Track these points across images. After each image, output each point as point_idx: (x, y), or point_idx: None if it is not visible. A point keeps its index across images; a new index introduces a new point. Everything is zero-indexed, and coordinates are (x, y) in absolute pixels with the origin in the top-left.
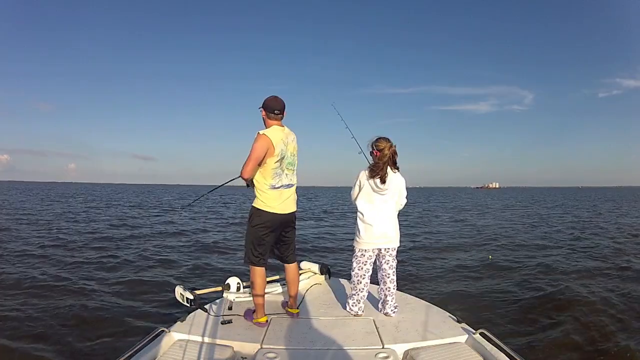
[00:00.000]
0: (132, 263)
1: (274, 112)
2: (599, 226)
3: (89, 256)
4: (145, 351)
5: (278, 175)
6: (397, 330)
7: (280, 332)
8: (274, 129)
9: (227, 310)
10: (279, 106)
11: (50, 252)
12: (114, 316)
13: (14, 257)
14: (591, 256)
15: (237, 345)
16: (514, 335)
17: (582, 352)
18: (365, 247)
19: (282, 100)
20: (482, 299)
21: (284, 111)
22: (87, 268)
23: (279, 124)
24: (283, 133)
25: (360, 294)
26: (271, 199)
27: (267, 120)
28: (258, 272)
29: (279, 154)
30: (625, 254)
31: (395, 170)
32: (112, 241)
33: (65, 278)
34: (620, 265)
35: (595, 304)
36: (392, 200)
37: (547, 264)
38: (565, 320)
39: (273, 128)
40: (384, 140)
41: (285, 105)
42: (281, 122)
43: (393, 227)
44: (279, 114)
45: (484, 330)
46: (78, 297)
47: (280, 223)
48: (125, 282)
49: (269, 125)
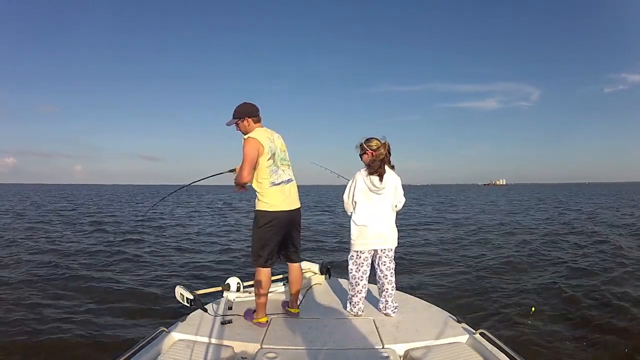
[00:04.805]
0: (132, 263)
1: (256, 115)
2: (610, 224)
3: (89, 256)
4: (145, 351)
5: (275, 172)
6: (397, 330)
7: (281, 332)
8: (258, 130)
9: (228, 310)
10: (257, 108)
11: (46, 252)
12: (114, 316)
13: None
14: (601, 257)
15: (237, 345)
16: (514, 335)
17: (583, 352)
18: (360, 248)
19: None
20: (483, 299)
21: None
22: (86, 268)
23: (260, 126)
24: (267, 132)
25: (359, 295)
26: (274, 196)
27: (250, 126)
28: (264, 273)
29: (269, 151)
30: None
31: (391, 169)
32: (112, 240)
33: (65, 277)
34: (622, 262)
35: (596, 304)
36: (389, 199)
37: (548, 264)
38: (565, 320)
39: (257, 130)
40: (374, 139)
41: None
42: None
43: (389, 227)
44: (259, 115)
45: (484, 330)
46: (78, 296)
47: (287, 221)
48: (125, 281)
49: (252, 130)
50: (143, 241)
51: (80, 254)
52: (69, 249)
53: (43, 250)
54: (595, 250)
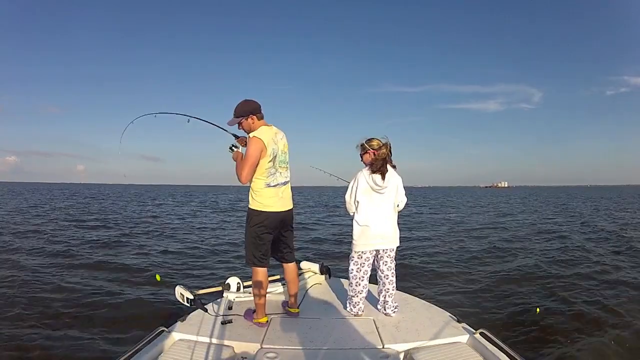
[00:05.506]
0: (132, 262)
1: (260, 112)
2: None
3: (88, 255)
4: (145, 351)
5: (272, 175)
6: (397, 330)
7: (281, 332)
8: (263, 129)
9: (228, 310)
10: (260, 105)
11: (47, 251)
12: (114, 316)
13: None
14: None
15: (237, 345)
16: (514, 335)
17: (583, 352)
18: (362, 248)
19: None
20: (483, 299)
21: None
22: (86, 267)
23: (265, 124)
24: (272, 132)
25: (360, 295)
26: (268, 197)
27: (255, 124)
28: (260, 273)
29: (271, 154)
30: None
31: (392, 168)
32: (112, 241)
33: (64, 276)
34: (627, 265)
35: (598, 305)
36: (391, 199)
37: (550, 263)
38: (566, 320)
39: (262, 129)
40: (375, 139)
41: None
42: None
43: (392, 227)
44: (261, 112)
45: (484, 330)
46: (78, 295)
47: (279, 221)
48: (124, 281)
49: (257, 127)
50: (143, 240)
51: (80, 253)
52: (69, 248)
53: (43, 248)
54: (600, 252)
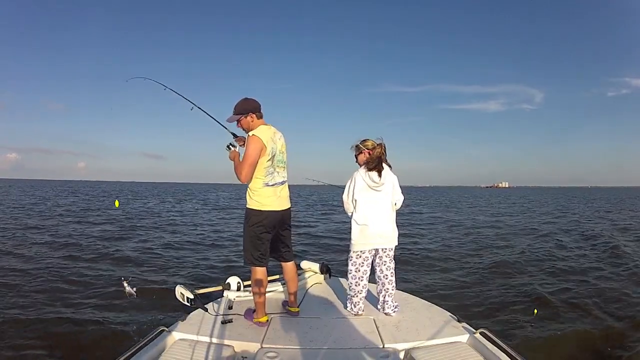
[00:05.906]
0: (132, 262)
1: (259, 111)
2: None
3: (88, 255)
4: (145, 351)
5: (270, 174)
6: (397, 329)
7: (281, 331)
8: (262, 128)
9: (228, 310)
10: (259, 104)
11: (45, 248)
12: (114, 315)
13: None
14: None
15: (237, 344)
16: (514, 334)
17: (583, 352)
18: (361, 248)
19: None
20: (483, 299)
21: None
22: (85, 267)
23: (263, 123)
24: (271, 131)
25: (359, 294)
26: (266, 197)
27: (254, 122)
28: (260, 272)
29: (270, 153)
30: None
31: (388, 167)
32: (111, 240)
33: (63, 276)
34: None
35: (598, 305)
36: (388, 197)
37: (549, 264)
38: (566, 320)
39: (261, 128)
40: (369, 140)
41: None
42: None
43: (390, 225)
44: (261, 111)
45: (485, 330)
46: (77, 295)
47: (277, 221)
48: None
49: (256, 126)
50: (143, 240)
51: (79, 253)
52: (68, 247)
53: (43, 246)
54: (599, 252)
